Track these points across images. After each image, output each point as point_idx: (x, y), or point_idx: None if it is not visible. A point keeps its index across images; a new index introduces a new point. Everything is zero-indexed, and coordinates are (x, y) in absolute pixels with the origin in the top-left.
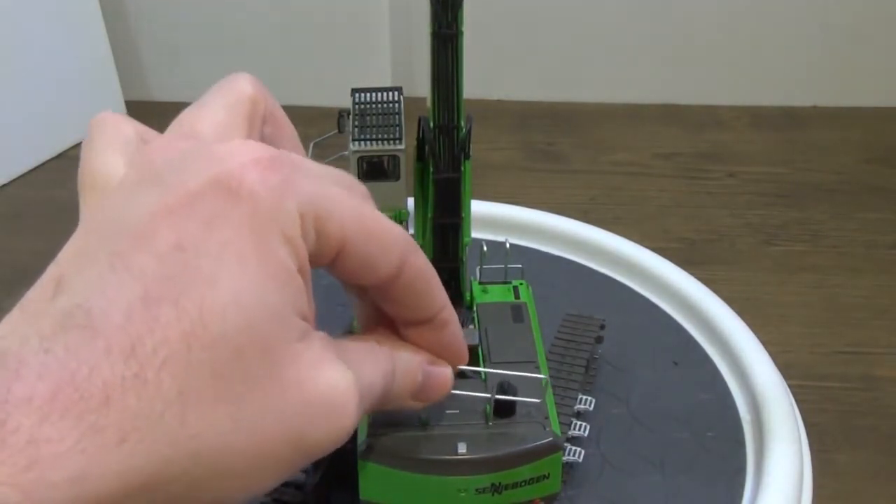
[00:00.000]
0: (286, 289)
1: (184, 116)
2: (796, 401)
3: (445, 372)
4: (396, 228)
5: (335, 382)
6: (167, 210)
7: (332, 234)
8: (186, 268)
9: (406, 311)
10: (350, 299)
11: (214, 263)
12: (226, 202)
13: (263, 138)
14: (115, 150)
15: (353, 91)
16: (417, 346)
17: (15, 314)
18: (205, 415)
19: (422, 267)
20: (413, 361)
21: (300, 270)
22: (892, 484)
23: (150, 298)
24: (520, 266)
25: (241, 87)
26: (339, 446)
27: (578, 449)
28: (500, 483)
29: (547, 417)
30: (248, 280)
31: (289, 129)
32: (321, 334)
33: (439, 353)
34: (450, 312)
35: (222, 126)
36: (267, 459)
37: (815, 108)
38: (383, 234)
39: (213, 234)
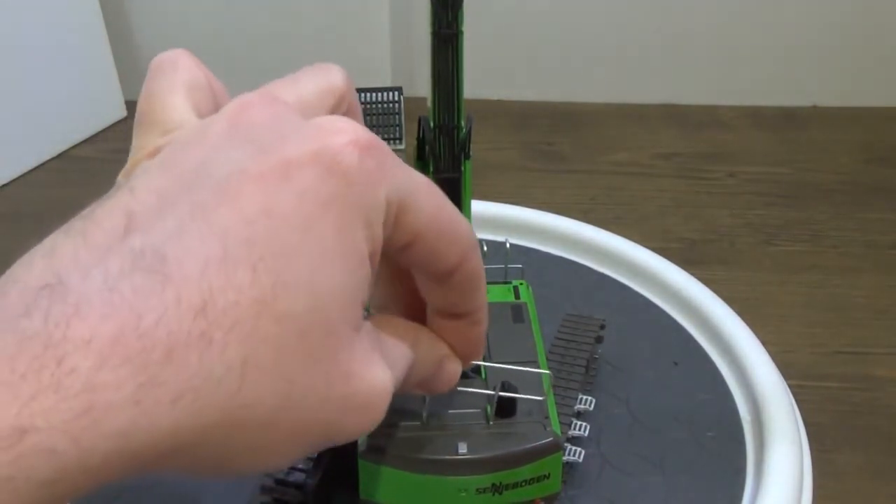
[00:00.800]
0: (356, 276)
1: (273, 85)
2: (796, 401)
3: (457, 369)
4: (465, 225)
5: (377, 381)
6: (261, 173)
7: (408, 226)
8: (269, 236)
9: (447, 303)
10: (381, 277)
11: (297, 238)
12: (321, 178)
13: None
14: (182, 93)
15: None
16: (440, 335)
17: (76, 240)
18: (259, 387)
19: (477, 266)
20: (432, 353)
21: (371, 257)
22: (892, 484)
23: (229, 258)
24: (520, 266)
25: (334, 78)
26: (356, 438)
27: (578, 449)
28: (500, 483)
29: (547, 417)
30: (326, 262)
31: None
32: (368, 324)
33: (461, 346)
34: (485, 313)
35: (306, 105)
36: (299, 440)
37: (815, 108)
38: (454, 231)
39: (303, 208)
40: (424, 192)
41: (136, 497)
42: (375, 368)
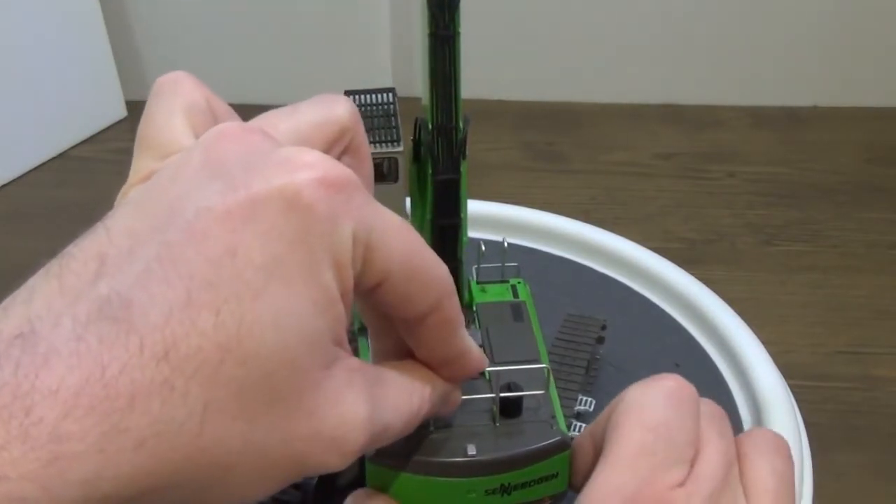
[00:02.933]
0: (326, 315)
1: (271, 115)
2: (796, 401)
3: (458, 398)
4: (440, 270)
5: (346, 417)
6: (226, 211)
7: (376, 264)
8: (233, 278)
9: (426, 348)
10: (367, 322)
11: (261, 278)
12: (285, 216)
13: None
14: (182, 114)
15: (346, 93)
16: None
17: (52, 284)
18: (221, 430)
19: (452, 314)
20: (437, 399)
21: (343, 296)
22: (892, 484)
23: (193, 302)
24: (515, 264)
25: (338, 110)
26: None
27: None
28: (509, 483)
29: (553, 416)
30: (291, 302)
31: (368, 167)
32: (353, 362)
33: (456, 381)
34: (471, 354)
35: (304, 138)
36: (268, 476)
37: (815, 108)
38: (427, 273)
39: (267, 248)
40: (395, 231)
41: None
42: (346, 405)
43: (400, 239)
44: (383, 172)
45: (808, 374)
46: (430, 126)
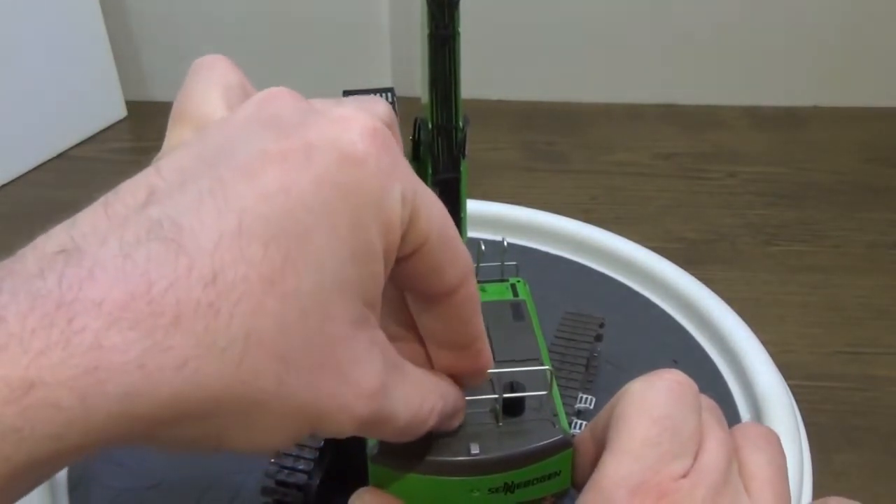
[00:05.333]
0: (363, 269)
1: (313, 101)
2: (796, 401)
3: (462, 415)
4: (466, 249)
5: (361, 383)
6: (282, 153)
7: (419, 230)
8: (285, 214)
9: (446, 329)
10: (386, 318)
11: (312, 220)
12: (339, 165)
13: None
14: (218, 92)
15: (345, 93)
16: (445, 370)
17: (98, 211)
18: (259, 364)
19: (475, 292)
20: (448, 409)
21: (386, 254)
22: (893, 484)
23: (244, 232)
24: (514, 263)
25: (377, 110)
26: (318, 437)
27: None
28: (512, 482)
29: (556, 415)
30: (336, 248)
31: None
32: (379, 334)
33: (463, 375)
34: (485, 343)
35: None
36: (289, 423)
37: (815, 108)
38: (459, 245)
39: (320, 192)
40: (435, 199)
41: (136, 498)
42: (363, 370)
43: (438, 207)
44: None
45: (808, 373)
46: (429, 125)
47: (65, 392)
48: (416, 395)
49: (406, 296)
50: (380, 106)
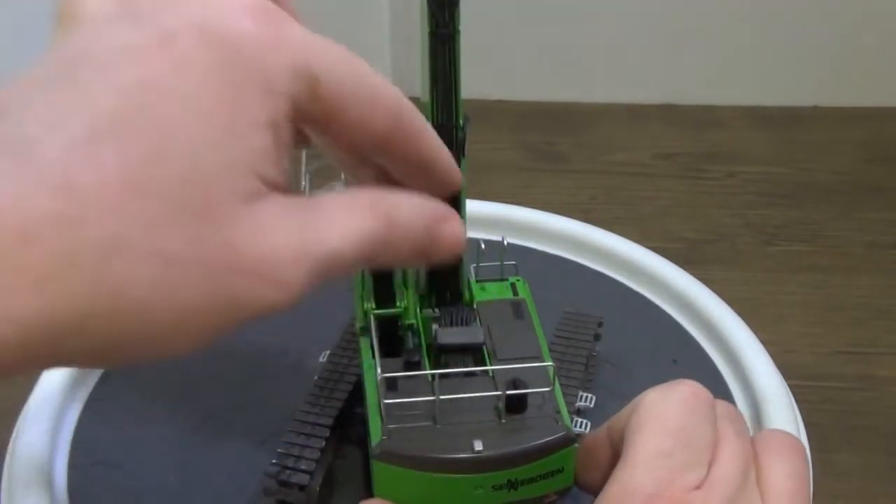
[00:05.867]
0: (248, 145)
1: None
2: (796, 401)
3: (456, 229)
4: (391, 87)
5: (276, 250)
6: (139, 45)
7: (329, 94)
8: (143, 108)
9: (403, 160)
10: (338, 161)
11: (175, 109)
12: (205, 47)
13: None
14: None
15: None
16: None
17: None
18: (131, 266)
19: (415, 121)
20: (417, 219)
21: (275, 127)
22: (892, 484)
23: (98, 134)
24: (514, 263)
25: None
26: (278, 312)
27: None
28: (515, 479)
29: (558, 412)
30: (207, 132)
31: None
32: (281, 197)
33: (435, 187)
34: (448, 158)
35: None
36: (190, 320)
37: (815, 108)
38: (380, 92)
39: (182, 78)
40: (342, 59)
41: (137, 500)
42: (272, 237)
43: (348, 65)
44: None
45: (808, 373)
46: (430, 124)
47: None
48: (351, 217)
49: (351, 158)
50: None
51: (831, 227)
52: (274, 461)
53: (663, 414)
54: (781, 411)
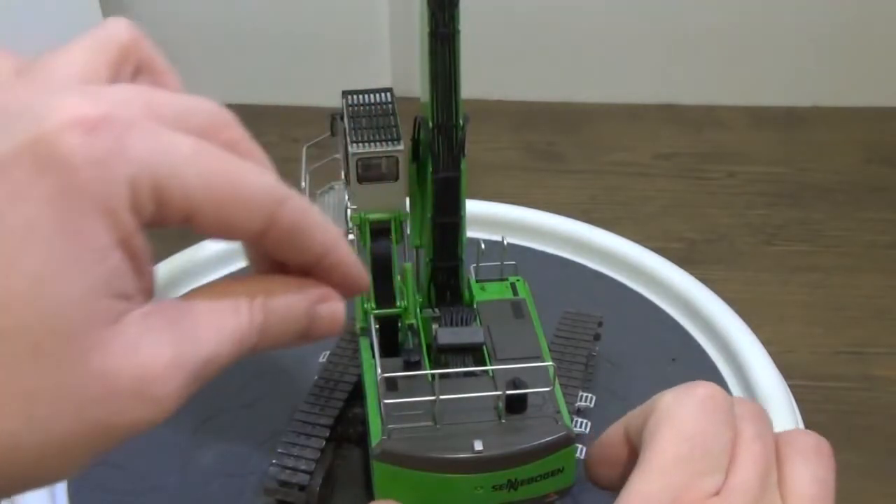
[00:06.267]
0: (96, 270)
1: (45, 56)
2: (796, 401)
3: (335, 308)
4: (259, 183)
5: (147, 365)
6: None
7: (174, 201)
8: None
9: (288, 256)
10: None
11: (14, 246)
12: (38, 173)
13: None
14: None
15: (345, 93)
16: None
17: None
18: None
19: (297, 217)
20: (294, 306)
21: (124, 242)
22: (892, 484)
23: None
24: (513, 263)
25: (112, 32)
26: (155, 425)
27: (581, 447)
28: (515, 479)
29: (558, 412)
30: (51, 266)
31: (172, 80)
32: (147, 308)
33: (336, 287)
34: (341, 249)
35: (81, 69)
36: (65, 452)
37: (815, 108)
38: (240, 195)
39: (19, 211)
40: (191, 160)
41: (137, 501)
42: (143, 353)
43: (198, 167)
44: (383, 171)
45: (808, 373)
46: (430, 124)
47: None
48: (225, 318)
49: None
50: (111, 26)
51: (831, 227)
52: (274, 461)
53: (679, 418)
54: (781, 411)
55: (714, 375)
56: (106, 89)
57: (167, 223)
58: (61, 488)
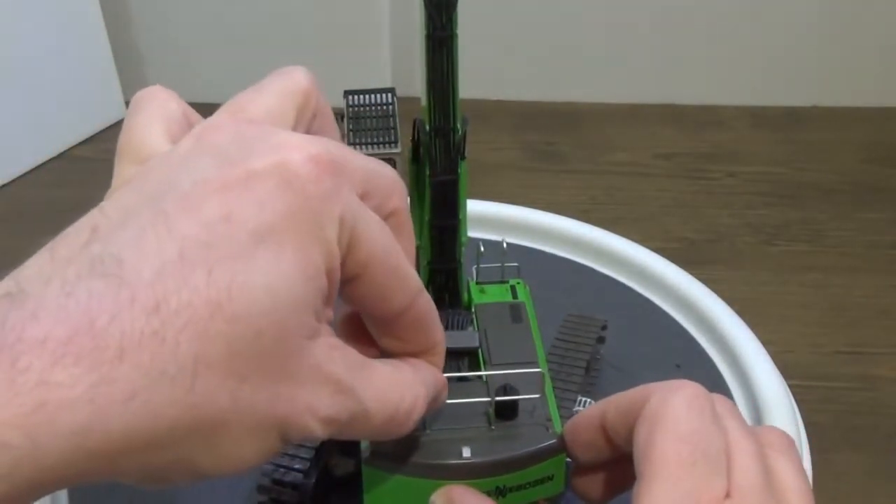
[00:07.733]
0: (311, 285)
1: (239, 98)
2: (796, 401)
3: (446, 394)
4: (413, 270)
5: (323, 386)
6: (223, 183)
7: (360, 254)
8: (227, 239)
9: (401, 343)
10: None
11: (254, 243)
12: (281, 190)
13: (311, 132)
14: (160, 124)
15: (346, 93)
16: None
17: (44, 255)
18: (211, 386)
19: (427, 307)
20: (440, 399)
21: (328, 273)
22: (892, 484)
23: (185, 260)
24: (516, 265)
25: (297, 79)
26: (312, 440)
27: None
28: (504, 486)
29: (549, 419)
30: (282, 268)
31: (334, 130)
32: (334, 340)
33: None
34: (441, 349)
35: (273, 113)
36: (255, 440)
37: (815, 108)
38: (403, 270)
39: (262, 216)
40: (378, 225)
41: (132, 494)
42: (324, 375)
43: (382, 233)
44: None
45: (808, 374)
46: (427, 127)
47: (12, 431)
48: (393, 392)
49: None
50: (297, 74)
51: (831, 227)
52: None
53: (672, 420)
54: (781, 411)
55: (715, 376)
56: (318, 138)
57: (345, 272)
58: None
